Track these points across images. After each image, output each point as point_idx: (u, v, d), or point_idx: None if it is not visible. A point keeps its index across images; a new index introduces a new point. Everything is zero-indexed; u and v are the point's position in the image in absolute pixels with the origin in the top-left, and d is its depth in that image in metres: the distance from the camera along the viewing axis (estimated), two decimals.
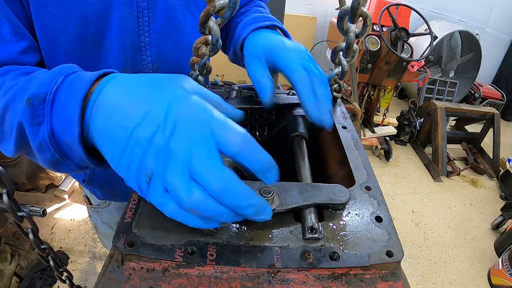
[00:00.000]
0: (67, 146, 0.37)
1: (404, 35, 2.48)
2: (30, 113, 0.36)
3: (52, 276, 1.62)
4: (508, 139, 3.91)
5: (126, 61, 0.60)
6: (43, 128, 0.36)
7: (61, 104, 0.36)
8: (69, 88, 0.36)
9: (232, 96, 0.60)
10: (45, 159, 0.40)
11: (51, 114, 0.36)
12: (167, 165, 0.30)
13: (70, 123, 0.34)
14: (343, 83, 0.62)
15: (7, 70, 0.47)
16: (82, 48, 0.56)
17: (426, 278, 2.00)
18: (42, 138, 0.37)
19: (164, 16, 0.61)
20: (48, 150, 0.37)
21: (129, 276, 0.32)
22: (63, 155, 0.38)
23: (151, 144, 0.31)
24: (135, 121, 0.32)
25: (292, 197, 0.38)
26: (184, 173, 0.30)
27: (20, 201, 0.34)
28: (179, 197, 0.30)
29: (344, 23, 0.44)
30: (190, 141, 0.30)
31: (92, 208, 0.93)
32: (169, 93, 0.33)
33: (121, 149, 0.32)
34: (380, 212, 0.41)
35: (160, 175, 0.30)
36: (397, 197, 2.68)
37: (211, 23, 0.41)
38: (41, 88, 0.37)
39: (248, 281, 0.32)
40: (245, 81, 3.41)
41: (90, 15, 0.53)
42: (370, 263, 0.34)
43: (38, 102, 0.36)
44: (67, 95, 0.36)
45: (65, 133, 0.36)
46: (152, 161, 0.31)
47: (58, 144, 0.37)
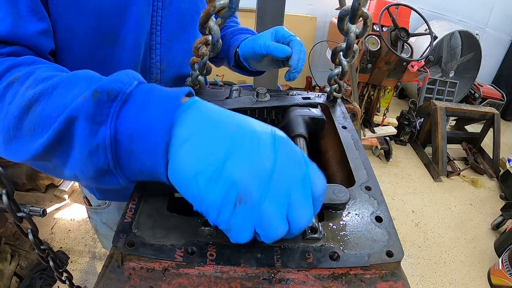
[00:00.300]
0: (128, 156, 0.32)
1: (404, 35, 2.48)
2: (94, 108, 0.31)
3: (52, 276, 1.62)
4: (508, 139, 3.91)
5: (138, 58, 0.61)
6: (104, 129, 0.31)
7: (137, 108, 0.31)
8: (150, 94, 0.32)
9: (232, 96, 0.60)
10: (93, 166, 0.33)
11: (119, 115, 0.31)
12: (270, 196, 0.29)
13: (151, 131, 0.30)
14: (343, 83, 0.62)
15: (34, 60, 0.42)
16: (96, 41, 0.55)
17: (426, 278, 2.00)
18: (101, 139, 0.31)
19: (175, 17, 0.63)
20: (104, 155, 0.32)
21: (129, 276, 0.32)
22: (117, 165, 0.33)
23: (255, 167, 0.29)
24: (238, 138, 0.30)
25: None
26: (283, 209, 0.29)
27: (20, 201, 0.33)
28: (269, 230, 0.29)
29: (345, 23, 0.44)
30: (293, 176, 0.30)
31: (92, 209, 0.93)
32: (266, 125, 0.32)
33: (207, 162, 0.29)
34: (380, 212, 0.41)
35: (258, 204, 0.28)
36: (397, 197, 2.68)
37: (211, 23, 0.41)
38: (114, 84, 0.32)
39: (248, 281, 0.32)
40: (245, 81, 3.41)
41: (107, 8, 0.53)
42: (370, 263, 0.34)
43: (107, 98, 0.31)
44: (147, 101, 0.32)
45: (136, 140, 0.31)
46: (251, 187, 0.28)
47: (118, 149, 0.32)
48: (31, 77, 0.37)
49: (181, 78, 0.71)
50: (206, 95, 0.62)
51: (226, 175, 0.28)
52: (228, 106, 0.54)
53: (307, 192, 0.30)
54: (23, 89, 0.36)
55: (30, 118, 0.35)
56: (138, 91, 0.33)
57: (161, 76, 0.68)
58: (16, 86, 0.38)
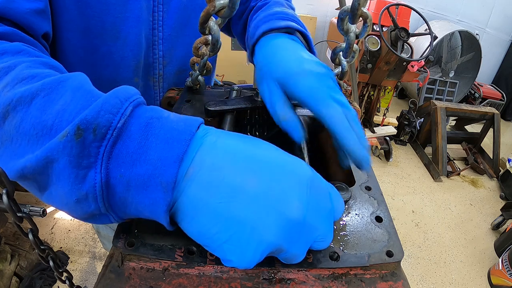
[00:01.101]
0: (123, 203, 0.27)
1: (404, 35, 2.48)
2: (79, 150, 0.25)
3: (52, 276, 1.62)
4: (508, 139, 3.91)
5: (140, 53, 0.61)
6: (93, 174, 0.26)
7: (134, 148, 0.26)
8: (147, 129, 0.26)
9: (232, 96, 0.60)
10: (81, 211, 0.28)
11: (110, 157, 0.26)
12: (300, 241, 0.28)
13: (150, 184, 0.25)
14: (343, 83, 0.62)
15: (21, 50, 0.36)
16: (98, 35, 0.55)
17: (426, 278, 2.00)
18: (92, 188, 0.26)
19: (177, 11, 0.63)
20: (94, 202, 0.26)
21: (129, 276, 0.32)
22: (110, 210, 0.28)
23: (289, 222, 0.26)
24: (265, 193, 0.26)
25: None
26: (307, 248, 0.30)
27: (20, 201, 0.32)
28: (294, 260, 0.30)
29: (345, 23, 0.44)
30: (322, 214, 0.30)
31: None
32: (296, 163, 0.29)
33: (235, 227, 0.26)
34: (380, 212, 0.41)
35: (288, 249, 0.28)
36: (397, 197, 2.68)
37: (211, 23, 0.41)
38: (101, 116, 0.25)
39: (248, 281, 0.32)
40: (245, 81, 3.41)
41: (110, 2, 0.53)
42: (370, 263, 0.34)
43: (93, 137, 0.25)
44: (143, 140, 0.26)
45: (134, 190, 0.26)
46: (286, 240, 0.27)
47: (110, 197, 0.27)
48: (11, 72, 0.31)
49: (183, 71, 0.71)
50: (206, 95, 0.62)
51: (259, 242, 0.26)
52: (228, 106, 0.54)
53: (331, 223, 0.31)
54: (1, 86, 0.31)
55: (6, 128, 0.29)
56: (134, 122, 0.27)
57: (164, 70, 0.68)
58: None
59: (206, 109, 0.53)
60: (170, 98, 0.65)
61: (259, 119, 0.58)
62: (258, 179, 0.26)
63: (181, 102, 0.59)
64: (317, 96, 0.37)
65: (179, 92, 0.65)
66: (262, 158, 0.28)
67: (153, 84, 0.69)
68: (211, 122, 0.55)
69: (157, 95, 0.71)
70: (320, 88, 0.37)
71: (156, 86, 0.70)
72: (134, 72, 0.63)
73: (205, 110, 0.54)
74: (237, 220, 0.25)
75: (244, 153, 0.28)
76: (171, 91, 0.66)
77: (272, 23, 0.49)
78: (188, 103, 0.58)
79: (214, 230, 0.26)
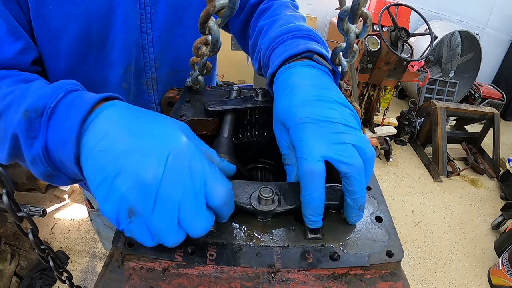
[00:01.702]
0: (61, 163, 0.36)
1: (404, 35, 2.48)
2: (26, 125, 0.36)
3: (52, 276, 1.62)
4: (508, 139, 3.91)
5: (130, 59, 0.60)
6: (38, 142, 0.36)
7: (58, 121, 0.35)
8: (69, 106, 0.35)
9: (232, 96, 0.60)
10: (38, 172, 0.39)
11: (47, 129, 0.35)
12: (156, 208, 0.30)
13: (66, 142, 0.34)
14: (343, 83, 0.62)
15: (4, 75, 0.46)
16: (85, 47, 0.55)
17: (426, 278, 2.00)
18: (36, 152, 0.36)
19: (166, 11, 0.61)
20: (41, 164, 0.37)
21: (129, 276, 0.32)
22: (56, 169, 0.38)
23: (140, 182, 0.30)
24: (129, 153, 0.31)
25: (292, 197, 0.38)
26: (173, 220, 0.30)
27: (20, 201, 0.34)
28: (164, 239, 0.31)
29: (345, 23, 0.44)
30: (183, 188, 0.30)
31: (94, 211, 0.92)
32: (169, 134, 0.33)
33: (103, 176, 0.31)
34: (380, 212, 0.41)
35: (147, 216, 0.30)
36: (397, 197, 2.68)
37: (211, 23, 0.41)
38: (40, 101, 0.36)
39: (248, 281, 0.32)
40: (245, 81, 3.41)
41: (93, 13, 0.52)
42: (370, 263, 0.34)
43: (35, 115, 0.35)
44: (66, 113, 0.35)
45: (60, 150, 0.35)
46: (138, 200, 0.30)
47: (51, 159, 0.37)
48: None
49: (178, 72, 0.69)
50: (206, 95, 0.62)
51: (115, 190, 0.30)
52: (228, 106, 0.54)
53: (199, 204, 0.31)
54: None
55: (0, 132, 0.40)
56: (62, 103, 0.36)
57: (157, 73, 0.66)
58: None
59: (206, 109, 0.53)
60: (170, 98, 0.64)
61: (259, 119, 0.58)
62: (128, 141, 0.32)
63: (181, 102, 0.59)
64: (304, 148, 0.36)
65: (179, 92, 0.65)
66: (140, 126, 0.33)
67: (147, 88, 0.67)
68: (211, 122, 0.55)
69: (152, 99, 0.69)
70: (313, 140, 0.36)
71: (150, 89, 0.68)
72: (122, 78, 0.61)
73: (205, 110, 0.54)
74: (103, 168, 0.31)
75: (128, 122, 0.34)
76: (171, 91, 0.66)
77: (291, 47, 0.47)
78: (188, 103, 0.58)
79: (93, 175, 0.32)
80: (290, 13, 0.60)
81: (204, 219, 0.32)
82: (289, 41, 0.49)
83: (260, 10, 0.66)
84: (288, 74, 0.44)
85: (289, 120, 0.39)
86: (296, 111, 0.38)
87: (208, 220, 0.32)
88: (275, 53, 0.49)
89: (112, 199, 0.30)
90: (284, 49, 0.47)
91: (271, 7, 0.64)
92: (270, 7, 0.65)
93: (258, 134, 0.57)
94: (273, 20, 0.58)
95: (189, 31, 0.65)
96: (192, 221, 0.31)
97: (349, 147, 0.35)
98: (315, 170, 0.34)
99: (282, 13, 0.61)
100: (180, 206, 0.30)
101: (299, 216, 0.39)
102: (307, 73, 0.43)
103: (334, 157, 0.34)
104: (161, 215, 0.30)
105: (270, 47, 0.51)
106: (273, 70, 0.46)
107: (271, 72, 0.47)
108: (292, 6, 0.66)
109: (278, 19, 0.58)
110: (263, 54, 0.53)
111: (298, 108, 0.38)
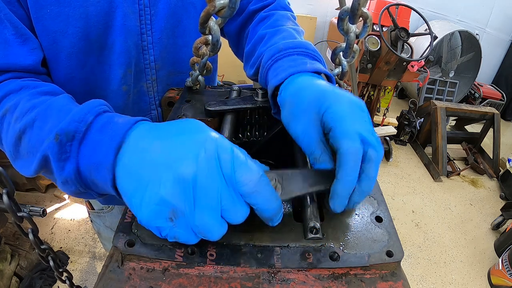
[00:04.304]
0: (93, 183, 0.38)
1: (404, 35, 2.48)
2: (58, 148, 0.37)
3: (52, 276, 1.62)
4: (508, 139, 3.91)
5: (129, 61, 0.60)
6: (69, 164, 0.37)
7: (91, 146, 0.36)
8: (101, 131, 0.36)
9: (232, 96, 0.60)
10: (69, 190, 0.40)
11: (78, 152, 0.37)
12: (198, 204, 0.30)
13: (100, 167, 0.35)
14: (343, 83, 0.62)
15: (21, 86, 0.46)
16: (85, 49, 0.55)
17: (426, 278, 2.00)
18: (68, 174, 0.37)
19: (166, 12, 0.60)
20: (73, 185, 0.38)
21: (129, 276, 0.32)
22: (87, 188, 0.39)
23: (178, 179, 0.30)
24: (161, 156, 0.32)
25: (296, 185, 0.36)
26: (217, 212, 0.31)
27: (20, 201, 0.34)
28: (209, 234, 0.31)
29: (345, 23, 0.44)
30: (217, 178, 0.30)
31: (95, 212, 0.92)
32: (196, 131, 0.34)
33: (139, 186, 0.32)
34: (380, 212, 0.41)
35: (190, 214, 0.30)
36: (397, 197, 2.68)
37: (211, 23, 0.41)
38: (71, 125, 0.37)
39: (248, 281, 0.32)
40: (245, 81, 3.41)
41: (92, 15, 0.52)
42: (370, 263, 0.34)
43: (66, 139, 0.36)
44: (98, 139, 0.36)
45: (93, 174, 0.36)
46: (179, 198, 0.30)
47: (83, 180, 0.38)
48: (17, 109, 0.43)
49: (178, 73, 0.69)
50: (206, 95, 0.62)
51: (152, 195, 0.30)
52: (228, 106, 0.54)
53: (232, 194, 0.31)
54: (13, 121, 0.43)
55: (23, 146, 0.42)
56: (93, 127, 0.37)
57: (157, 74, 0.66)
58: (8, 117, 0.44)
59: (206, 109, 0.53)
60: (170, 98, 0.64)
61: (259, 119, 0.58)
62: (161, 146, 0.33)
63: (181, 102, 0.59)
64: (346, 126, 0.35)
65: (179, 92, 0.65)
66: (168, 132, 0.34)
67: (147, 89, 0.67)
68: (211, 122, 0.55)
69: (153, 100, 0.69)
70: (351, 121, 0.36)
71: (151, 91, 0.67)
72: (122, 80, 0.61)
73: (205, 110, 0.54)
74: (139, 177, 0.32)
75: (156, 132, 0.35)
76: (171, 91, 0.66)
77: (298, 63, 0.47)
78: (188, 103, 0.58)
79: (128, 188, 0.33)
80: (292, 27, 0.61)
81: (243, 205, 0.32)
82: (295, 56, 0.49)
83: (260, 17, 0.66)
84: (304, 79, 0.44)
85: (327, 100, 0.38)
86: (334, 91, 0.39)
87: (244, 209, 0.32)
88: (280, 65, 0.48)
89: (149, 205, 0.31)
90: (290, 64, 0.47)
91: (272, 17, 0.64)
92: (271, 16, 0.65)
93: (258, 134, 0.57)
94: (276, 30, 0.59)
95: (190, 32, 0.65)
96: (233, 209, 0.31)
97: (376, 136, 0.36)
98: (359, 151, 0.34)
99: (284, 25, 0.61)
100: (221, 199, 0.30)
101: (299, 216, 0.39)
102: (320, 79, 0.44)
103: (369, 140, 0.35)
104: (203, 210, 0.30)
105: (274, 57, 0.50)
106: (278, 82, 0.45)
107: (276, 83, 0.46)
108: (292, 19, 0.66)
109: (281, 30, 0.58)
110: (264, 62, 0.52)
111: (333, 90, 0.39)
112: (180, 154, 0.31)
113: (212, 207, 0.30)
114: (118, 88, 0.61)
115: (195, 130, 0.34)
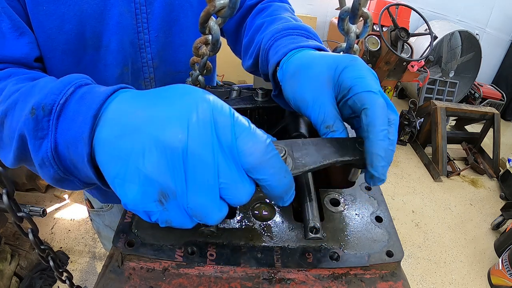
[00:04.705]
0: (72, 164, 0.33)
1: (404, 35, 2.48)
2: (34, 124, 0.32)
3: (52, 276, 1.62)
4: (508, 139, 3.91)
5: (126, 59, 0.60)
6: (46, 143, 0.32)
7: (68, 118, 0.31)
8: (80, 101, 0.31)
9: (232, 96, 0.59)
10: (47, 176, 0.35)
11: (56, 128, 0.32)
12: (190, 180, 0.25)
13: (78, 141, 0.30)
14: None
15: (10, 73, 0.44)
16: (80, 47, 0.55)
17: (426, 278, 2.00)
18: (45, 154, 0.32)
19: (162, 10, 0.60)
20: (51, 166, 0.33)
21: (129, 276, 0.32)
22: (67, 173, 0.34)
23: (166, 152, 0.25)
24: (144, 124, 0.26)
25: (309, 156, 0.31)
26: (213, 194, 0.25)
27: (20, 201, 0.33)
28: (207, 217, 0.26)
29: (345, 23, 0.44)
30: (212, 148, 0.25)
31: (94, 211, 0.92)
32: (185, 94, 0.28)
33: (119, 163, 0.26)
34: (380, 212, 0.41)
35: (182, 193, 0.25)
36: (397, 197, 2.68)
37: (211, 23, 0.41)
38: (48, 97, 0.32)
39: (248, 281, 0.32)
40: (245, 81, 3.41)
41: (87, 13, 0.52)
42: (370, 263, 0.34)
43: (43, 113, 0.32)
44: (76, 109, 0.31)
45: (71, 151, 0.31)
46: (168, 176, 0.25)
47: (62, 161, 0.33)
48: (2, 93, 0.39)
49: (177, 73, 0.69)
50: None
51: (136, 173, 0.25)
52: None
53: (232, 167, 0.25)
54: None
55: (5, 132, 0.37)
56: (72, 99, 0.32)
57: (155, 73, 0.66)
58: None
59: None
60: None
61: (259, 119, 0.58)
62: (145, 112, 0.27)
63: None
64: (368, 82, 0.33)
65: None
66: (154, 98, 0.28)
67: (145, 88, 0.67)
68: None
69: None
70: (372, 78, 0.34)
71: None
72: (119, 79, 0.61)
73: None
74: (119, 151, 0.26)
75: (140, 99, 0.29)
76: None
77: (299, 40, 0.45)
78: None
79: (109, 165, 0.27)
80: (290, 16, 0.60)
81: (246, 181, 0.26)
82: (295, 36, 0.48)
83: (258, 10, 0.66)
84: (307, 51, 0.42)
85: (343, 61, 0.36)
86: (348, 54, 0.37)
87: (249, 181, 0.26)
88: (280, 43, 0.46)
89: (133, 186, 0.25)
90: (290, 41, 0.45)
91: (270, 7, 0.64)
92: (269, 7, 0.65)
93: None
94: (274, 18, 0.58)
95: (187, 30, 0.65)
96: (234, 187, 0.26)
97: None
98: (385, 105, 0.32)
99: (282, 14, 0.61)
100: (219, 171, 0.25)
101: (299, 216, 0.39)
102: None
103: (388, 101, 0.33)
104: (198, 188, 0.25)
105: (274, 37, 0.48)
106: (279, 58, 0.44)
107: (277, 60, 0.44)
108: (290, 10, 0.66)
109: (279, 18, 0.58)
110: (264, 43, 0.50)
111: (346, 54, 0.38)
112: (166, 119, 0.25)
113: (208, 184, 0.25)
114: None
115: (185, 91, 0.28)
